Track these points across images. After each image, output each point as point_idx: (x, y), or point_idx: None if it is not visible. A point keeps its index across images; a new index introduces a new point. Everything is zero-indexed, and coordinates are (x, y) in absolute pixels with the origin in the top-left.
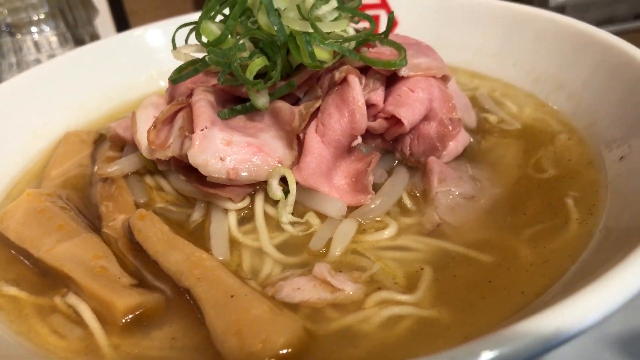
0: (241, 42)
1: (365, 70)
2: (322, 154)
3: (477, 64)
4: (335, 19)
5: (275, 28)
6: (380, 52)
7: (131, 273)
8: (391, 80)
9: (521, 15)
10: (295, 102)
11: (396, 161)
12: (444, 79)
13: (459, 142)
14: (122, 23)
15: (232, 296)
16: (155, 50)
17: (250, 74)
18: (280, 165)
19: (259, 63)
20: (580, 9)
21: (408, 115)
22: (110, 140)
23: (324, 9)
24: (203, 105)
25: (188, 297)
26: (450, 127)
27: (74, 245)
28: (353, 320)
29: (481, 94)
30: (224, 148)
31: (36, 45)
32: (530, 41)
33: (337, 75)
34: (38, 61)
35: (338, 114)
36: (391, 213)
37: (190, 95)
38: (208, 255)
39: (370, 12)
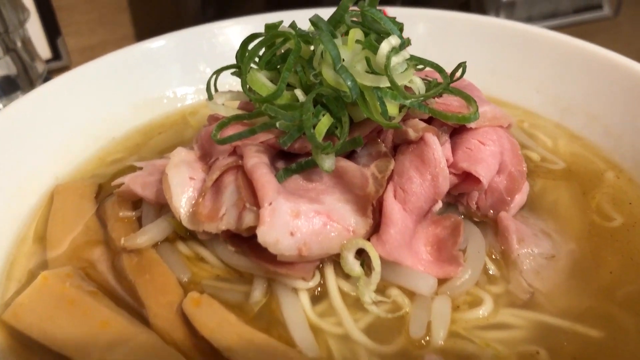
0: (309, 102)
1: (427, 122)
2: (406, 224)
3: (494, 88)
4: (405, 71)
5: (348, 84)
6: (448, 103)
7: None
8: (455, 130)
9: (537, 38)
10: (349, 154)
11: (461, 216)
12: (509, 127)
13: (523, 192)
14: (49, 21)
15: None
16: (138, 76)
17: (320, 136)
18: (353, 234)
19: (326, 123)
20: (528, 4)
21: (486, 173)
22: (118, 196)
23: (394, 61)
24: (265, 172)
25: None
26: (519, 180)
27: (131, 352)
28: None
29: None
30: (292, 221)
31: None
32: (552, 66)
33: (412, 133)
34: None
35: (419, 178)
36: (478, 282)
37: (233, 153)
38: (296, 353)
39: None
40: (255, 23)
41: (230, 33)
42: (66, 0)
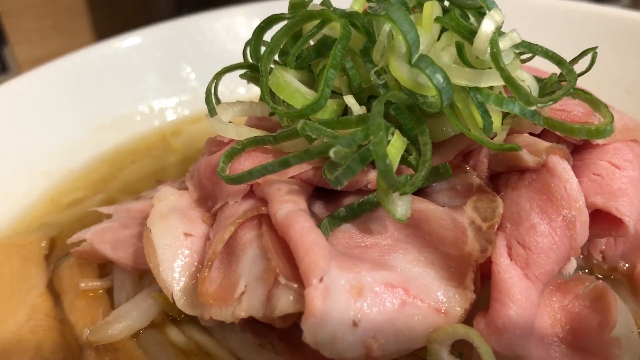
0: (378, 116)
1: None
2: (531, 300)
3: None
4: (511, 62)
5: (439, 84)
6: (569, 110)
7: None
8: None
9: (622, 23)
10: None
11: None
12: None
13: None
14: None
15: None
16: (101, 87)
17: (393, 167)
18: (445, 316)
19: (399, 147)
20: None
21: (630, 212)
22: (78, 258)
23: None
24: (308, 227)
25: None
26: None
27: None
28: None
29: None
30: (354, 303)
31: None
32: None
33: (530, 158)
34: None
35: (548, 226)
36: None
37: (250, 194)
38: None
39: None
40: (257, 13)
41: (221, 28)
42: (13, 4)
